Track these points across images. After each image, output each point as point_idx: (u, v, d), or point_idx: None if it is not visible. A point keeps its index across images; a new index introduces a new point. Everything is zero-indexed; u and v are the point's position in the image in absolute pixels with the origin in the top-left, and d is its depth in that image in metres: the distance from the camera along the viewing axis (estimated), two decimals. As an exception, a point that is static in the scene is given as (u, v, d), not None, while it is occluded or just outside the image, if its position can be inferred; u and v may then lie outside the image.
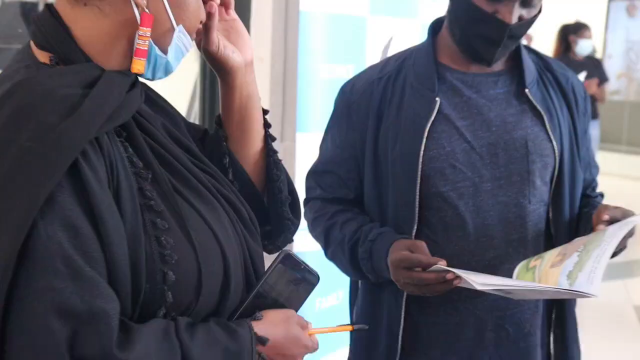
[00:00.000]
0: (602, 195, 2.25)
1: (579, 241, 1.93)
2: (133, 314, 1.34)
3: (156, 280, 1.34)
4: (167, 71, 1.46)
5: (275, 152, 1.76)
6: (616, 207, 1.98)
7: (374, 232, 2.03)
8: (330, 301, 2.81)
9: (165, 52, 1.42)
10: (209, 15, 1.55)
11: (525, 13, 1.96)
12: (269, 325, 1.48)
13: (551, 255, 1.93)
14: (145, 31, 1.36)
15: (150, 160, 1.42)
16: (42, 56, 1.39)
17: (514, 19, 1.93)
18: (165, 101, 1.65)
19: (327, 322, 1.68)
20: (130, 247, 1.31)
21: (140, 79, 1.47)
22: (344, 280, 2.26)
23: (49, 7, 1.41)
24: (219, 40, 1.61)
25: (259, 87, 2.97)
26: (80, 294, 1.23)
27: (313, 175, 2.24)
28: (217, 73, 1.67)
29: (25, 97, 1.29)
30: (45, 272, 1.21)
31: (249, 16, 3.02)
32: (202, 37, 1.59)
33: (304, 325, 1.54)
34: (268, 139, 1.76)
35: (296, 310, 1.57)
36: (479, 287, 1.77)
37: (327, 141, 2.23)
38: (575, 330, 2.15)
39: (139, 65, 1.38)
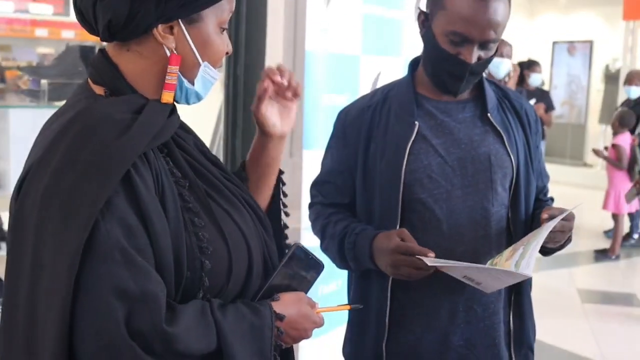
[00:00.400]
0: (552, 199, 2.25)
1: (526, 237, 1.94)
2: (176, 295, 1.36)
3: (195, 268, 1.37)
4: (198, 98, 1.49)
5: (281, 198, 1.83)
6: (557, 208, 1.98)
7: (359, 227, 2.05)
8: (331, 287, 2.80)
9: (193, 83, 1.44)
10: (264, 90, 1.65)
11: (483, 54, 1.96)
12: (285, 305, 1.48)
13: (507, 252, 1.94)
14: (173, 69, 1.40)
15: (187, 171, 1.44)
16: (98, 89, 1.43)
17: (474, 59, 1.94)
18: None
19: (328, 304, 1.68)
20: (173, 241, 1.34)
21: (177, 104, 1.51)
22: (343, 271, 2.24)
23: (101, 51, 1.45)
24: (267, 108, 1.68)
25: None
26: (134, 279, 1.26)
27: (315, 185, 2.25)
28: (258, 128, 1.71)
29: (87, 121, 1.33)
30: (105, 261, 1.25)
31: (264, 55, 3.01)
32: (255, 101, 1.66)
33: (312, 304, 1.55)
34: (280, 193, 1.83)
35: (305, 293, 1.57)
36: (454, 272, 1.86)
37: (327, 157, 2.23)
38: (530, 309, 2.15)
39: (168, 97, 1.42)
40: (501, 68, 5.03)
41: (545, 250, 2.02)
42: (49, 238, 1.27)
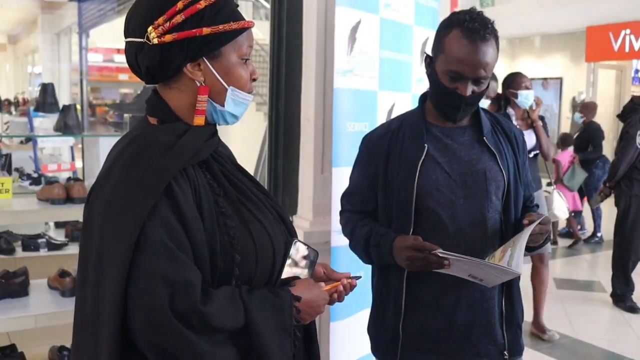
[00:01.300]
0: (537, 205, 2.23)
1: (512, 240, 1.93)
2: (212, 283, 1.38)
3: (228, 260, 1.39)
4: (235, 117, 1.50)
5: None
6: (536, 214, 1.99)
7: (382, 231, 2.04)
8: (356, 278, 2.78)
9: (223, 105, 1.45)
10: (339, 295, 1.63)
11: (477, 89, 1.96)
12: (300, 288, 1.48)
13: (498, 252, 1.93)
14: (202, 97, 1.43)
15: (223, 182, 1.46)
16: (152, 120, 1.47)
17: (468, 92, 1.94)
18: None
19: (352, 292, 1.67)
20: (208, 238, 1.36)
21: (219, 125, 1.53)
22: (367, 265, 2.24)
23: (154, 91, 1.49)
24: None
25: (309, 139, 2.98)
26: (174, 269, 1.28)
27: (345, 196, 2.25)
28: None
29: (138, 144, 1.39)
30: (151, 255, 1.28)
31: (300, 92, 3.01)
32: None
33: (319, 287, 1.54)
34: None
35: (309, 276, 1.58)
36: (460, 273, 1.87)
37: (354, 173, 2.23)
38: (519, 295, 2.13)
39: (199, 120, 1.44)
40: (527, 99, 4.74)
41: (528, 249, 2.00)
42: (108, 237, 1.31)
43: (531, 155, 4.72)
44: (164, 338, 1.27)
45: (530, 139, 4.70)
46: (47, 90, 3.90)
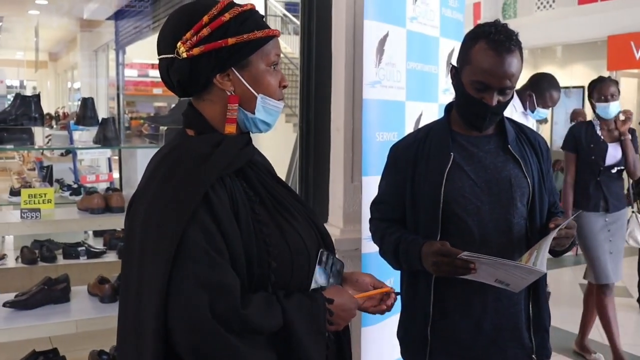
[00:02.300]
0: (562, 212, 2.20)
1: (538, 243, 1.91)
2: (250, 288, 1.37)
3: (264, 266, 1.38)
4: (267, 124, 1.50)
5: None
6: (561, 219, 1.97)
7: (410, 237, 2.02)
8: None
9: (254, 113, 1.45)
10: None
11: (502, 98, 1.95)
12: (332, 292, 1.48)
13: (525, 256, 1.92)
14: (233, 106, 1.43)
15: (259, 190, 1.46)
16: (190, 132, 1.49)
17: (494, 102, 1.93)
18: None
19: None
20: (244, 245, 1.36)
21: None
22: (396, 271, 2.22)
23: (189, 104, 1.50)
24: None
25: (339, 149, 2.97)
26: (214, 273, 1.29)
27: (374, 204, 2.24)
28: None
29: (176, 155, 1.41)
30: (191, 261, 1.28)
31: (330, 103, 3.02)
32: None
33: (349, 292, 1.55)
34: None
35: (339, 284, 1.57)
36: (486, 279, 1.86)
37: (382, 182, 2.22)
38: (544, 300, 2.10)
39: (230, 128, 1.44)
40: (610, 110, 4.30)
41: (554, 252, 2.00)
42: (149, 246, 1.31)
43: (614, 170, 4.40)
44: (205, 342, 1.26)
45: (615, 152, 4.35)
46: (87, 104, 3.94)
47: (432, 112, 3.12)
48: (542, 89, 4.07)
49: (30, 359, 3.33)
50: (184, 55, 1.38)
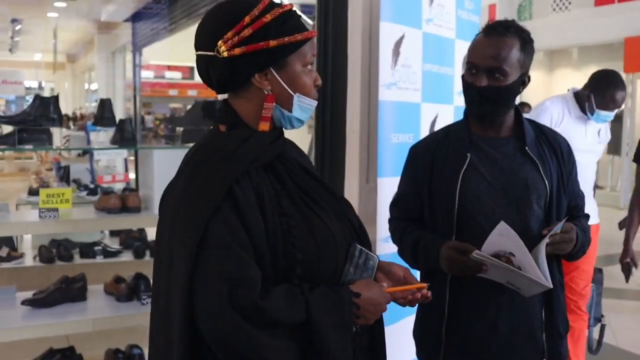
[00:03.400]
0: (587, 216, 2.18)
1: (535, 249, 1.87)
2: (276, 279, 1.39)
3: (289, 258, 1.39)
4: (301, 121, 1.51)
5: None
6: (555, 223, 1.94)
7: (430, 236, 2.03)
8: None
9: (290, 110, 1.46)
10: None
11: (493, 82, 1.94)
12: (359, 286, 1.46)
13: None
14: (269, 105, 1.45)
15: (287, 183, 1.46)
16: (222, 127, 1.50)
17: (482, 83, 1.94)
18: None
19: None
20: (270, 238, 1.38)
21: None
22: (412, 270, 2.22)
23: (224, 100, 1.52)
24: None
25: (354, 150, 2.97)
26: (235, 265, 1.31)
27: (393, 204, 2.24)
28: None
29: (204, 151, 1.45)
30: (213, 253, 1.31)
31: (345, 104, 3.01)
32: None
33: (380, 286, 1.51)
34: None
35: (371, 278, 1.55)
36: (499, 278, 1.83)
37: (401, 183, 2.22)
38: (558, 304, 2.07)
39: (264, 126, 1.46)
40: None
41: (564, 257, 2.01)
42: (177, 237, 1.35)
43: None
44: (226, 332, 1.30)
45: None
46: (105, 105, 3.96)
47: (447, 114, 3.11)
48: (601, 89, 3.55)
49: (47, 356, 3.35)
50: (225, 54, 1.39)
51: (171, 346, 1.36)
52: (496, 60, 1.92)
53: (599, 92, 3.53)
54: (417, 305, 1.64)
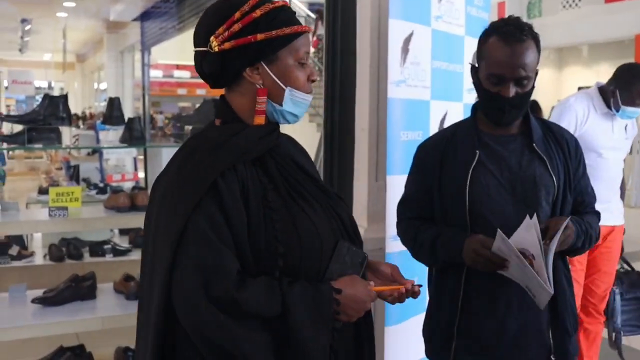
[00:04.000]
0: (597, 213, 2.17)
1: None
2: (257, 271, 1.41)
3: (272, 252, 1.42)
4: (294, 116, 1.54)
5: None
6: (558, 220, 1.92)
7: (451, 230, 2.02)
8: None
9: (281, 104, 1.49)
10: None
11: (520, 89, 1.95)
12: (341, 282, 1.47)
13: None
14: (261, 98, 1.48)
15: (275, 178, 1.48)
16: (218, 121, 1.55)
17: (511, 94, 1.93)
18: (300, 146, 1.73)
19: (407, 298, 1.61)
20: (253, 230, 1.40)
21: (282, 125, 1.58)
22: (421, 269, 2.21)
23: (221, 96, 1.57)
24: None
25: (363, 147, 2.96)
26: (212, 257, 1.35)
27: (402, 204, 2.23)
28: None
29: (192, 144, 1.50)
30: (192, 244, 1.35)
31: (354, 102, 3.01)
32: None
33: (365, 284, 1.51)
34: None
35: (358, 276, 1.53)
36: (519, 280, 1.83)
37: (409, 181, 2.21)
38: (565, 302, 2.05)
39: (259, 120, 1.49)
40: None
41: (567, 251, 2.03)
42: (160, 230, 1.40)
43: None
44: (201, 321, 1.33)
45: None
46: (114, 104, 3.97)
47: (457, 112, 3.10)
48: (627, 84, 3.35)
49: (58, 354, 3.37)
50: (216, 49, 1.44)
51: (147, 335, 1.41)
52: (524, 70, 1.92)
53: (625, 87, 3.36)
54: (424, 305, 1.63)
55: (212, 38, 1.44)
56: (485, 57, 1.98)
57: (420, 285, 1.63)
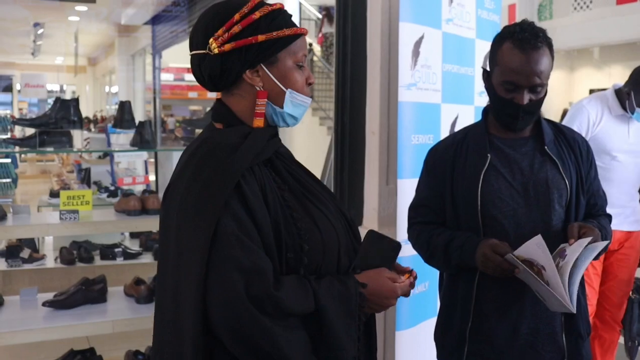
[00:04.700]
0: (609, 216, 2.16)
1: (561, 254, 1.85)
2: (281, 270, 1.41)
3: (296, 250, 1.42)
4: (294, 118, 1.54)
5: None
6: (588, 226, 1.91)
7: (464, 234, 2.01)
8: (420, 289, 2.72)
9: (282, 107, 1.49)
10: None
11: (534, 96, 1.94)
12: (366, 276, 1.48)
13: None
14: (261, 101, 1.48)
15: (287, 178, 1.50)
16: (218, 125, 1.53)
17: (525, 101, 1.93)
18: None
19: (417, 303, 1.61)
20: (274, 230, 1.40)
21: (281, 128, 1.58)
22: (432, 273, 2.19)
23: (218, 100, 1.55)
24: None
25: (374, 151, 2.96)
26: (247, 257, 1.34)
27: (413, 209, 2.22)
28: None
29: (208, 146, 1.45)
30: (226, 246, 1.33)
31: (365, 106, 3.00)
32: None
33: (394, 278, 1.51)
34: None
35: (389, 269, 1.53)
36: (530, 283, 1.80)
37: (420, 185, 2.20)
38: (580, 307, 2.01)
39: (258, 122, 1.49)
40: None
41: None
42: (185, 235, 1.37)
43: None
44: (241, 324, 1.32)
45: None
46: (125, 107, 3.99)
47: (468, 115, 3.08)
48: None
49: (68, 357, 3.37)
50: (216, 51, 1.43)
51: (181, 341, 1.38)
52: (539, 77, 1.91)
53: (638, 88, 3.26)
54: (438, 306, 1.62)
55: (211, 40, 1.44)
56: (499, 63, 1.96)
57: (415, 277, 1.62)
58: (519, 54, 1.91)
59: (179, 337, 1.38)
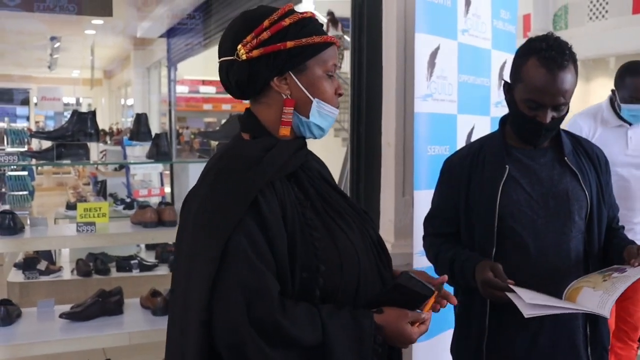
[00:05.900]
0: (623, 227, 2.15)
1: (616, 271, 1.84)
2: (294, 292, 1.37)
3: (312, 270, 1.38)
4: (321, 129, 1.50)
5: None
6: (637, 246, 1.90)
7: (465, 255, 1.99)
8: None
9: (307, 117, 1.46)
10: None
11: (556, 114, 1.91)
12: (385, 319, 1.41)
13: (596, 279, 1.84)
14: (288, 109, 1.44)
15: (310, 194, 1.46)
16: (245, 135, 1.51)
17: (548, 119, 1.90)
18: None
19: (435, 314, 1.54)
20: (291, 249, 1.36)
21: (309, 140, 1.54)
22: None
23: (247, 109, 1.53)
24: None
25: (390, 162, 2.95)
26: (254, 278, 1.31)
27: (428, 219, 2.21)
28: None
29: (226, 160, 1.45)
30: (233, 264, 1.31)
31: (381, 116, 3.00)
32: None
33: (416, 319, 1.43)
34: None
35: (414, 310, 1.44)
36: (526, 315, 1.73)
37: (436, 196, 2.19)
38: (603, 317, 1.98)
39: (284, 131, 1.45)
40: None
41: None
42: (197, 247, 1.35)
43: None
44: (240, 343, 1.30)
45: None
46: (141, 120, 4.01)
47: (484, 125, 3.07)
48: (622, 81, 3.18)
49: (85, 370, 3.38)
50: (244, 57, 1.41)
51: (185, 357, 1.37)
52: (564, 97, 1.89)
53: (621, 85, 3.16)
54: (452, 321, 1.59)
55: (239, 46, 1.41)
56: (524, 80, 1.91)
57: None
58: (545, 73, 1.86)
59: (184, 346, 1.37)
